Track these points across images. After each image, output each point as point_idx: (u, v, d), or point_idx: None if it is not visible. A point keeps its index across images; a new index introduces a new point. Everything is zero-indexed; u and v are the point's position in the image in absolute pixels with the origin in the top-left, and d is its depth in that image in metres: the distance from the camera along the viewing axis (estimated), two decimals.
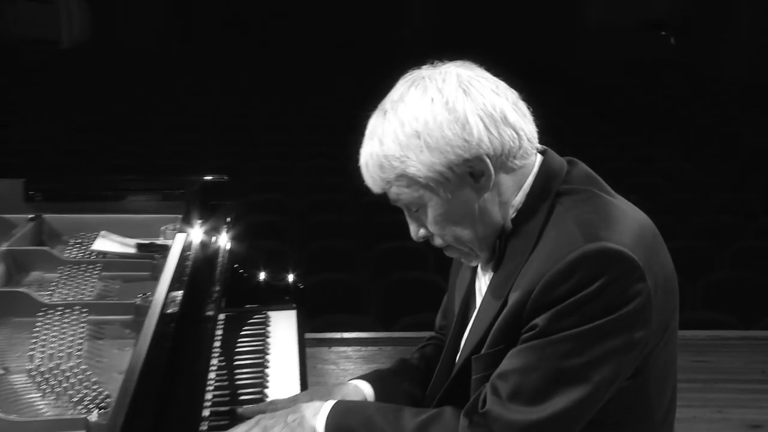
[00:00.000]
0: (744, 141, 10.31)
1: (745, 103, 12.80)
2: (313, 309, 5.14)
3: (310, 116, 11.64)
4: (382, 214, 6.82)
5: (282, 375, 2.65)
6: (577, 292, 1.86)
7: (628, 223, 1.95)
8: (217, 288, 2.72)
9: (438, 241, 2.06)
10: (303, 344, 2.83)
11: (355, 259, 6.29)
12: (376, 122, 1.99)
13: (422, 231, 2.07)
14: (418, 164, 1.95)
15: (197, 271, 2.63)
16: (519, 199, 2.02)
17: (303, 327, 2.96)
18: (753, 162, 9.48)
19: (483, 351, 2.02)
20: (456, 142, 1.93)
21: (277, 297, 3.10)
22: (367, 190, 2.02)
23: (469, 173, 1.96)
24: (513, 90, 2.01)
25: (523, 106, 2.00)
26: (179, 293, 2.41)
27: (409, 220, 2.07)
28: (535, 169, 2.03)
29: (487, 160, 1.95)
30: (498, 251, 2.03)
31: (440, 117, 1.94)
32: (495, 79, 2.00)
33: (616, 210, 1.97)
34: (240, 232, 3.05)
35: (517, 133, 1.97)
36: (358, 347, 5.01)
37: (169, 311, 2.33)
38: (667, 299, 1.97)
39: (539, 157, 2.05)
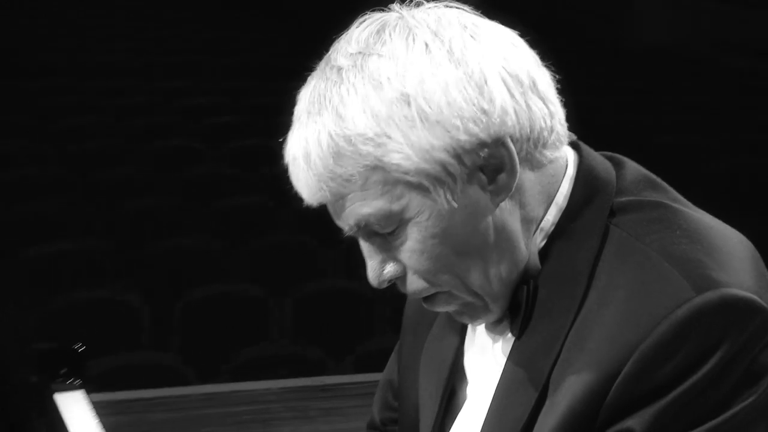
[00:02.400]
0: None
1: None
2: None
3: None
4: None
5: None
6: (693, 371, 1.22)
7: (738, 252, 1.31)
8: None
9: (417, 286, 1.33)
10: None
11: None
12: (325, 86, 1.29)
13: (391, 268, 1.33)
14: (407, 148, 1.25)
15: None
16: (550, 218, 1.34)
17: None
18: None
19: None
20: (469, 112, 1.25)
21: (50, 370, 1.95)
22: None
23: (480, 167, 1.27)
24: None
25: (546, 72, 1.34)
26: None
27: (367, 252, 1.34)
28: (571, 172, 1.35)
29: (512, 146, 1.27)
30: (525, 302, 1.33)
31: (444, 73, 1.26)
32: (506, 28, 1.35)
33: (713, 234, 1.32)
34: None
35: (548, 109, 1.30)
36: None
37: None
38: None
39: (572, 154, 1.37)
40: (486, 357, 1.41)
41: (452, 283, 1.32)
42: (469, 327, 1.45)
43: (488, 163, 1.27)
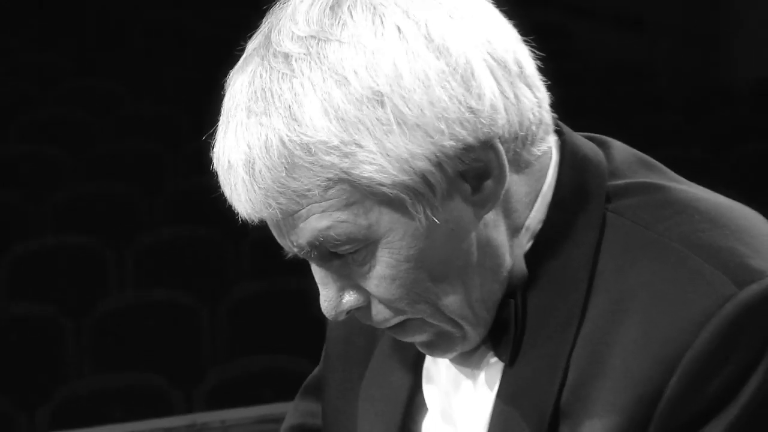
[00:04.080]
0: None
1: None
2: None
3: None
4: None
5: None
6: (750, 379, 1.04)
7: (764, 230, 1.14)
8: None
9: (384, 316, 1.13)
10: None
11: None
12: (270, 78, 1.07)
13: (352, 297, 1.12)
14: (381, 158, 1.05)
15: None
16: (538, 214, 1.14)
17: None
18: None
19: None
20: (455, 112, 1.06)
21: None
22: None
23: (462, 174, 1.09)
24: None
25: (527, 49, 1.16)
26: None
27: (322, 278, 1.13)
28: (555, 157, 1.16)
29: (501, 148, 1.09)
30: (515, 320, 1.13)
31: (423, 64, 1.06)
32: None
33: (736, 215, 1.14)
34: None
35: (536, 97, 1.13)
36: None
37: None
38: None
39: (553, 138, 1.17)
40: (462, 392, 1.18)
41: (427, 311, 1.11)
42: (430, 357, 1.21)
43: (471, 168, 1.08)
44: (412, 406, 1.22)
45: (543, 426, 1.10)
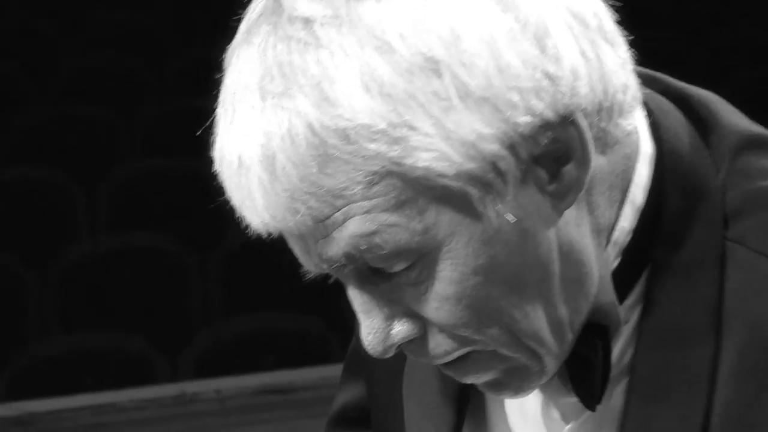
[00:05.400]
0: None
1: None
2: None
3: None
4: None
5: None
6: None
7: None
8: None
9: (445, 348, 1.07)
10: None
11: None
12: (288, 49, 1.00)
13: (404, 327, 1.06)
14: (441, 142, 0.99)
15: None
16: (626, 224, 1.09)
17: None
18: None
19: None
20: (529, 80, 1.00)
21: None
22: None
23: (537, 158, 1.02)
24: None
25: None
26: None
27: (363, 305, 1.07)
28: (646, 150, 1.10)
29: (583, 124, 1.03)
30: (604, 364, 1.09)
31: (486, 22, 1.00)
32: None
33: None
34: None
35: (620, 57, 1.07)
36: None
37: None
38: None
39: (640, 116, 1.11)
40: (529, 422, 1.17)
41: (500, 338, 1.05)
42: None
43: (549, 150, 1.02)
44: (473, 402, 1.20)
45: None
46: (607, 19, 1.05)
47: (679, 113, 1.12)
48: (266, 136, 0.98)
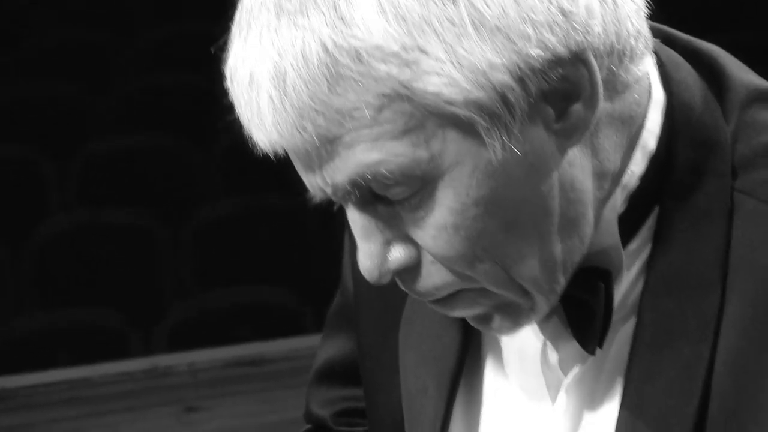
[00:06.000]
0: None
1: None
2: None
3: None
4: None
5: None
6: None
7: None
8: None
9: (437, 281, 1.07)
10: None
11: None
12: None
13: (401, 253, 1.07)
14: (452, 69, 0.99)
15: None
16: (636, 169, 1.10)
17: None
18: None
19: None
20: (544, 13, 1.00)
21: None
22: None
23: (545, 94, 1.03)
24: None
25: None
26: None
27: (363, 230, 1.08)
28: (659, 97, 1.11)
29: (594, 64, 1.03)
30: (606, 308, 1.09)
31: None
32: None
33: None
34: None
35: (635, 2, 1.07)
36: None
37: None
38: None
39: (652, 65, 1.12)
40: (528, 365, 1.17)
41: (492, 274, 1.06)
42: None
43: (557, 88, 1.02)
44: (469, 347, 1.21)
45: None
46: None
47: (688, 66, 1.13)
48: (279, 53, 0.99)
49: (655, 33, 1.11)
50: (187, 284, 4.80)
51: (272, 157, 1.05)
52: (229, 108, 1.08)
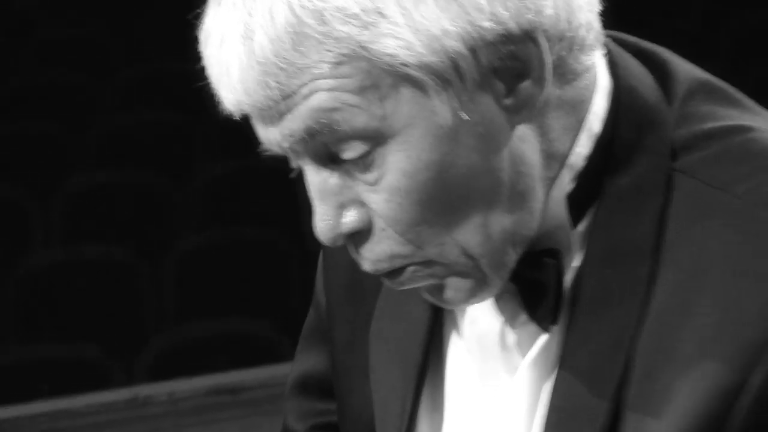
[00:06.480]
0: None
1: None
2: None
3: None
4: None
5: None
6: None
7: None
8: None
9: (386, 249, 1.10)
10: None
11: None
12: None
13: (353, 215, 1.09)
14: (408, 32, 1.03)
15: None
16: (582, 150, 1.13)
17: None
18: None
19: None
20: None
21: None
22: None
23: (496, 70, 1.07)
24: None
25: None
26: None
27: (318, 190, 1.10)
28: (604, 83, 1.15)
29: (544, 44, 1.07)
30: (557, 284, 1.12)
31: None
32: None
33: None
34: None
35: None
36: None
37: None
38: None
39: (599, 57, 1.15)
40: (487, 350, 1.18)
41: (441, 243, 1.09)
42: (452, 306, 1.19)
43: (508, 65, 1.06)
44: (433, 340, 1.22)
45: (602, 422, 1.09)
46: None
47: (635, 60, 1.17)
48: (249, 12, 1.04)
49: (606, 35, 1.16)
50: (166, 316, 4.80)
51: (238, 118, 1.09)
52: (205, 141, 1.16)
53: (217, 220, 5.03)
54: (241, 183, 5.13)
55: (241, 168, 5.18)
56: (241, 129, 1.20)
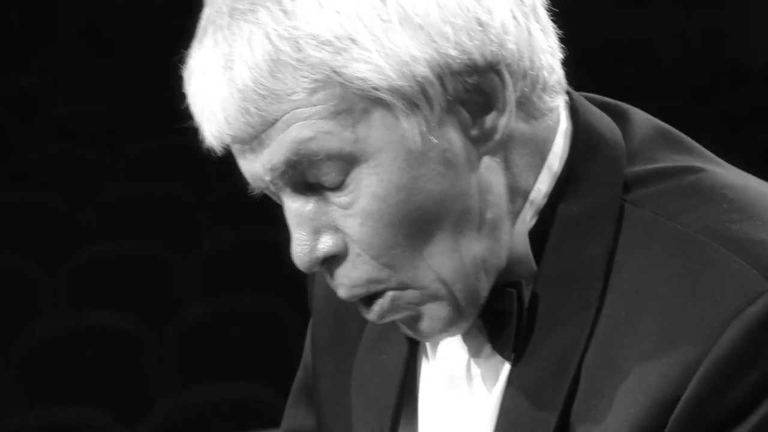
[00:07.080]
0: None
1: None
2: None
3: None
4: None
5: None
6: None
7: None
8: None
9: (361, 275, 1.13)
10: None
11: None
12: None
13: (329, 241, 1.13)
14: (378, 57, 1.08)
15: None
16: (543, 187, 1.17)
17: None
18: None
19: None
20: (464, 19, 1.10)
21: None
22: None
23: (462, 101, 1.12)
24: None
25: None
26: None
27: (295, 217, 1.14)
28: (565, 126, 1.19)
29: (508, 78, 1.12)
30: (518, 312, 1.15)
31: None
32: None
33: (767, 201, 1.16)
34: None
35: (549, 45, 1.18)
36: None
37: None
38: None
39: (562, 103, 1.20)
40: (456, 386, 1.22)
41: (414, 267, 1.13)
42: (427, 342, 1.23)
43: (473, 97, 1.12)
44: (410, 383, 1.26)
45: None
46: (542, 9, 1.17)
47: (597, 109, 1.22)
48: (229, 44, 1.09)
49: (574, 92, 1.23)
50: (171, 382, 4.82)
51: (218, 153, 1.13)
52: (208, 212, 1.22)
53: (221, 289, 5.07)
54: (244, 253, 5.20)
55: (245, 238, 5.28)
56: (244, 200, 1.25)
